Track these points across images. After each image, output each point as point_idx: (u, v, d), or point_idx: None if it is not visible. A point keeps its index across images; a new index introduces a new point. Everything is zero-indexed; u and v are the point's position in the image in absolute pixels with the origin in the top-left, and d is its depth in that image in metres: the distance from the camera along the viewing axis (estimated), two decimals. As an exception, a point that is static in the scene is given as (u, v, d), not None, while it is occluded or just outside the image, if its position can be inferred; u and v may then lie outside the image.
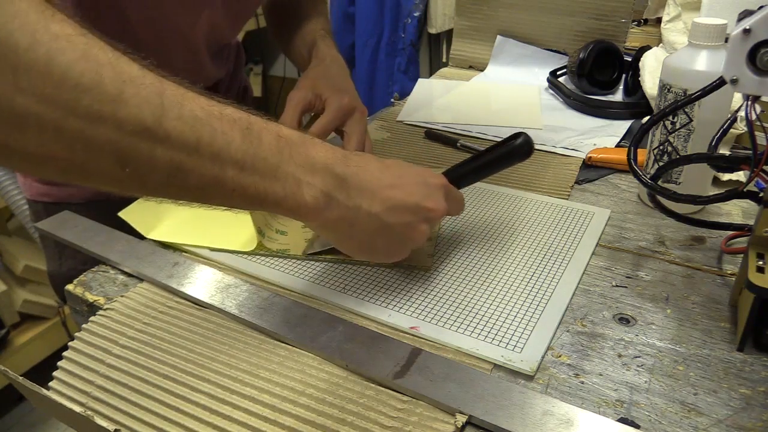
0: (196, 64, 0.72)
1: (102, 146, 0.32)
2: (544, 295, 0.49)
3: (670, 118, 0.57)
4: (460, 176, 0.52)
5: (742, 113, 0.46)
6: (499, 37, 1.09)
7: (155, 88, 0.34)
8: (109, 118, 0.32)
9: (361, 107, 0.64)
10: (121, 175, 0.34)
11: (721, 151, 0.56)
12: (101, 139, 0.32)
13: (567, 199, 0.65)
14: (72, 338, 0.46)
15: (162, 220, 0.59)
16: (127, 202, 0.61)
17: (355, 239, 0.44)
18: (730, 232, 0.55)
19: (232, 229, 0.57)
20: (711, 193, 0.53)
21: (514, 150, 0.51)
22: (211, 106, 0.36)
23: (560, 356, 0.43)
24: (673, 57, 0.58)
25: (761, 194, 0.46)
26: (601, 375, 0.41)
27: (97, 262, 0.55)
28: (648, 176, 0.50)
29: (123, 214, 0.59)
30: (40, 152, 0.32)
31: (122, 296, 0.50)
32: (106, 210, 0.59)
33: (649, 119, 0.53)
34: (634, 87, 0.90)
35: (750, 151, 0.45)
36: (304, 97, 0.63)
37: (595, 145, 0.77)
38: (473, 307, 0.48)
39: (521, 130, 0.51)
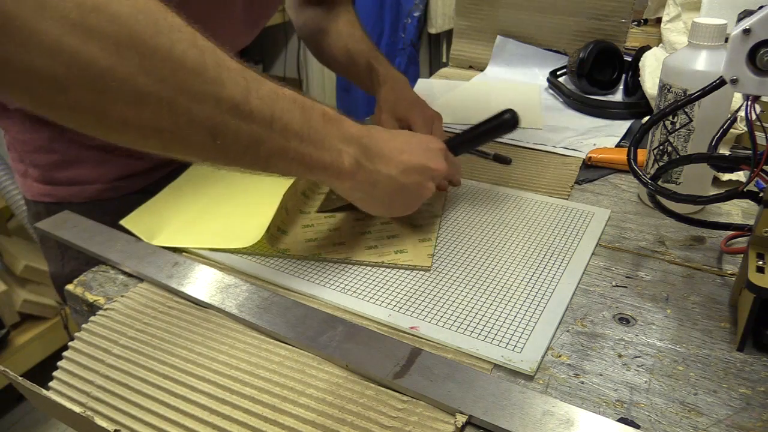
0: None
1: (202, 121, 0.38)
2: (544, 295, 0.49)
3: (670, 118, 0.57)
4: (457, 144, 0.61)
5: (742, 113, 0.46)
6: (499, 37, 1.09)
7: (241, 72, 0.40)
8: (211, 97, 0.37)
9: (438, 114, 0.71)
10: (211, 146, 0.39)
11: (721, 151, 0.56)
12: (202, 115, 0.37)
13: (567, 199, 0.65)
14: (71, 335, 0.46)
15: (163, 226, 0.58)
16: (127, 202, 0.61)
17: (377, 198, 0.51)
18: (730, 232, 0.56)
19: (232, 228, 0.57)
20: (711, 193, 0.53)
21: (502, 123, 0.60)
22: (276, 87, 0.42)
23: (560, 356, 0.43)
24: (673, 57, 0.58)
25: (761, 194, 0.46)
26: (601, 375, 0.41)
27: (100, 262, 0.55)
28: (648, 176, 0.50)
29: (125, 222, 0.59)
30: (153, 125, 0.36)
31: (122, 296, 0.50)
32: (106, 210, 0.59)
33: (649, 119, 0.53)
34: (634, 87, 0.90)
35: (750, 151, 0.45)
36: (394, 124, 0.71)
37: (595, 145, 0.77)
38: (473, 307, 0.48)
39: (510, 108, 0.59)
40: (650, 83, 0.83)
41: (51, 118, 0.35)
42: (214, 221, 0.59)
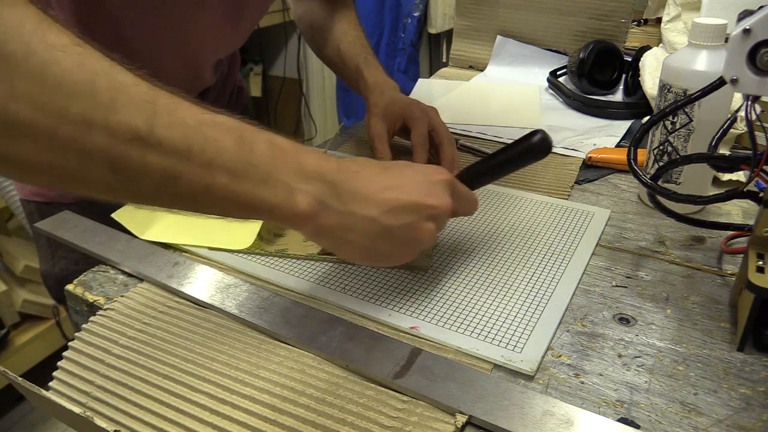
0: (195, 73, 0.72)
1: (94, 153, 0.33)
2: (544, 295, 0.49)
3: (670, 118, 0.57)
4: (474, 176, 0.51)
5: (742, 113, 0.46)
6: (499, 37, 1.09)
7: (148, 96, 0.34)
8: (101, 125, 0.32)
9: (433, 107, 0.68)
10: (114, 183, 0.34)
11: (721, 151, 0.56)
12: (94, 146, 0.32)
13: (567, 199, 0.65)
14: (66, 338, 0.46)
15: (155, 220, 0.58)
16: (118, 202, 0.61)
17: (355, 245, 0.43)
18: (730, 232, 0.56)
19: (225, 228, 0.57)
20: (711, 193, 0.53)
21: (531, 148, 0.49)
22: (203, 114, 0.37)
23: (560, 356, 0.43)
24: (673, 57, 0.58)
25: (761, 194, 0.46)
26: (601, 375, 0.41)
27: (90, 262, 0.55)
28: (648, 176, 0.50)
29: (116, 216, 0.59)
30: (35, 160, 0.32)
31: (122, 296, 0.50)
32: (96, 210, 0.59)
33: (649, 119, 0.53)
34: (634, 87, 0.90)
35: (750, 151, 0.45)
36: (384, 127, 0.68)
37: (595, 145, 0.77)
38: (473, 307, 0.48)
39: (538, 128, 0.50)
40: (650, 83, 0.83)
41: None
42: (206, 220, 0.59)
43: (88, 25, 0.59)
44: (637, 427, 0.37)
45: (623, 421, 0.38)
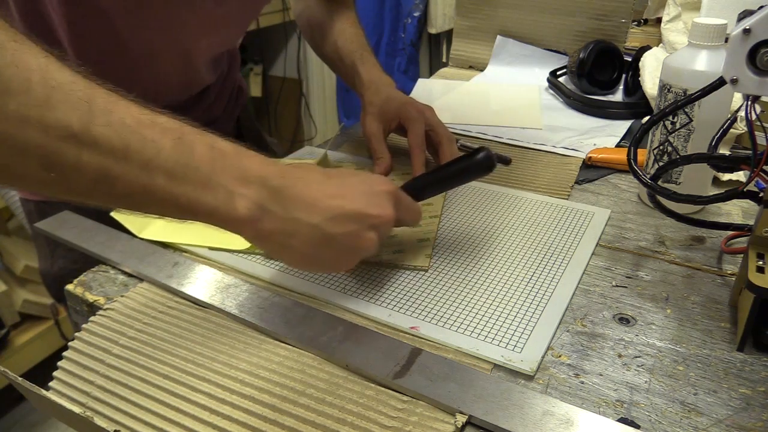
0: (191, 70, 0.72)
1: (27, 149, 0.33)
2: (544, 295, 0.49)
3: (670, 118, 0.57)
4: (419, 187, 0.52)
5: (742, 113, 0.46)
6: (499, 37, 1.09)
7: (84, 94, 0.34)
8: (35, 121, 0.32)
9: (429, 106, 0.68)
10: (46, 179, 0.35)
11: (721, 151, 0.56)
12: (27, 142, 0.33)
13: (567, 199, 0.65)
14: (65, 338, 0.46)
15: (154, 219, 0.59)
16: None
17: (296, 251, 0.43)
18: (730, 232, 0.56)
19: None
20: (711, 193, 0.53)
21: (475, 164, 0.51)
22: (142, 115, 0.37)
23: (560, 356, 0.43)
24: (673, 57, 0.58)
25: (761, 194, 0.46)
26: (601, 375, 0.41)
27: (89, 260, 0.55)
28: (648, 176, 0.50)
29: (115, 214, 0.59)
30: None
31: (122, 296, 0.50)
32: (93, 209, 0.59)
33: (649, 119, 0.53)
34: (634, 87, 0.90)
35: (750, 151, 0.45)
36: (380, 127, 0.68)
37: (595, 145, 0.77)
38: (473, 307, 0.48)
39: (483, 146, 0.51)
40: (650, 83, 0.83)
41: None
42: None
43: (81, 24, 0.59)
44: (637, 427, 0.37)
45: (623, 421, 0.38)
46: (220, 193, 0.39)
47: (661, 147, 0.59)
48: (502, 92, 1.00)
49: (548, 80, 0.99)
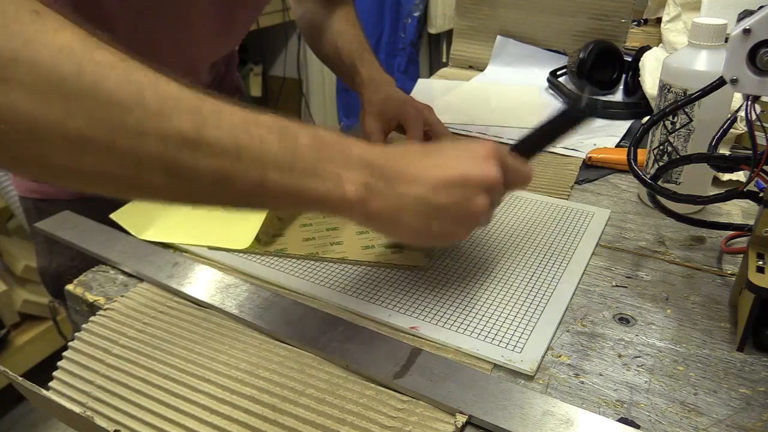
0: (191, 75, 0.72)
1: (150, 161, 0.35)
2: (544, 295, 0.49)
3: (670, 118, 0.57)
4: (527, 145, 0.50)
5: (742, 113, 0.46)
6: (499, 37, 1.09)
7: (193, 102, 0.36)
8: (153, 132, 0.34)
9: (428, 105, 0.68)
10: (172, 186, 0.37)
11: (721, 151, 0.56)
12: (149, 154, 0.35)
13: (567, 199, 0.65)
14: (65, 338, 0.46)
15: (154, 220, 0.58)
16: (112, 200, 0.60)
17: (407, 226, 0.43)
18: (730, 232, 0.56)
19: (225, 228, 0.57)
20: (711, 193, 0.53)
21: (577, 112, 0.49)
22: (246, 114, 0.38)
23: (560, 356, 0.43)
24: (673, 57, 0.58)
25: (761, 194, 0.46)
26: (601, 375, 0.41)
27: (87, 258, 0.55)
28: (648, 176, 0.50)
29: (115, 216, 0.59)
30: (96, 171, 0.34)
31: (122, 296, 0.50)
32: (92, 208, 0.59)
33: (649, 119, 0.53)
34: (634, 87, 0.90)
35: (750, 151, 0.45)
36: (379, 126, 0.68)
37: (595, 145, 0.77)
38: (473, 307, 0.48)
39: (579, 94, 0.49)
40: (650, 83, 0.83)
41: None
42: (205, 219, 0.59)
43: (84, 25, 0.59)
44: (637, 427, 0.37)
45: (623, 421, 0.38)
46: (329, 179, 0.40)
47: (661, 147, 0.59)
48: (502, 92, 1.00)
49: (548, 80, 0.99)
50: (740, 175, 0.66)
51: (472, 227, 0.46)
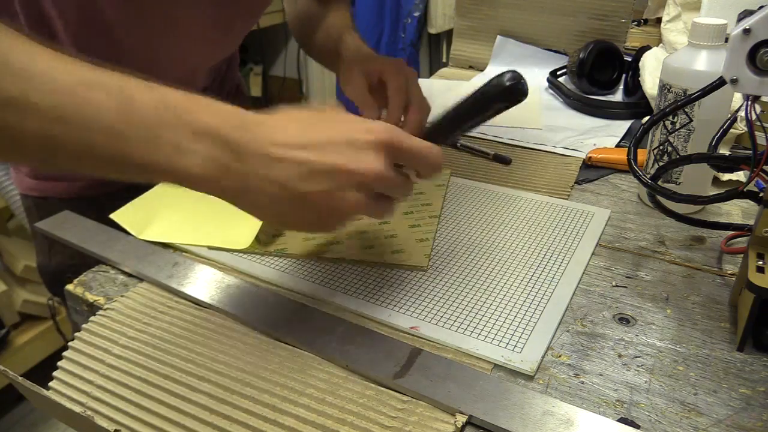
0: (190, 77, 0.73)
1: None
2: (544, 295, 0.49)
3: (670, 118, 0.57)
4: (436, 126, 0.45)
5: (742, 113, 0.46)
6: (499, 37, 1.09)
7: (23, 61, 0.35)
8: None
9: (411, 70, 0.64)
10: (1, 146, 0.37)
11: (721, 151, 0.56)
12: None
13: (567, 199, 0.65)
14: (65, 338, 0.46)
15: (154, 220, 0.59)
16: (113, 199, 0.61)
17: (269, 210, 0.39)
18: (730, 232, 0.56)
19: (225, 228, 0.57)
20: (711, 193, 0.53)
21: (500, 88, 0.43)
22: (84, 74, 0.36)
23: (560, 356, 0.43)
24: (673, 57, 0.58)
25: (761, 194, 0.46)
26: (601, 375, 0.41)
27: (86, 256, 0.55)
28: (648, 176, 0.50)
29: (115, 216, 0.59)
30: None
31: (122, 296, 0.50)
32: (93, 207, 0.59)
33: (649, 119, 0.53)
34: (634, 87, 0.90)
35: (750, 151, 0.45)
36: (362, 80, 0.63)
37: (595, 145, 0.77)
38: (473, 307, 0.48)
39: (512, 69, 0.44)
40: (650, 83, 0.83)
41: None
42: (205, 219, 0.59)
43: (84, 32, 0.59)
44: (637, 427, 0.37)
45: (623, 421, 0.38)
46: (168, 150, 0.36)
47: (661, 147, 0.59)
48: (502, 92, 1.00)
49: (548, 80, 0.99)
50: (740, 175, 0.66)
51: (341, 221, 0.41)
